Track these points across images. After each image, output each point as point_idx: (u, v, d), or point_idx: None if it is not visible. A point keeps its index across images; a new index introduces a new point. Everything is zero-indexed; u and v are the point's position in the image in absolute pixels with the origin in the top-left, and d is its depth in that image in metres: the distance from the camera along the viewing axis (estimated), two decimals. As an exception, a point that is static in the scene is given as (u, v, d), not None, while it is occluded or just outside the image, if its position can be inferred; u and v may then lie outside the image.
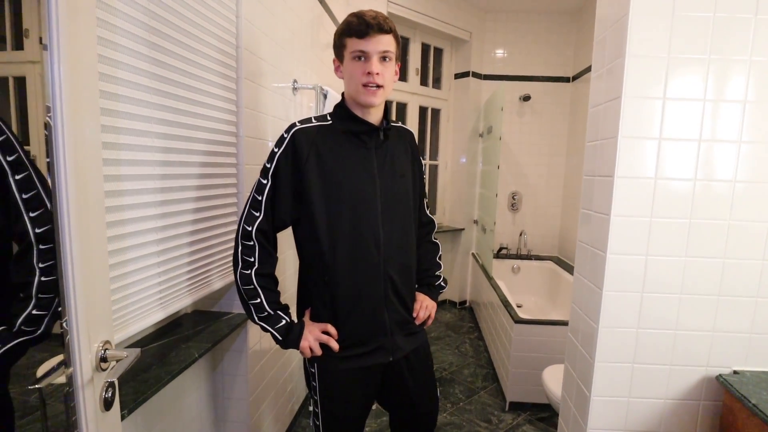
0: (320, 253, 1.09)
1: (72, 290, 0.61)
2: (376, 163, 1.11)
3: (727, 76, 1.06)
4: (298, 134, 1.07)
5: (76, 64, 0.63)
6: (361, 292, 1.11)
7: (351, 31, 1.02)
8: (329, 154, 1.07)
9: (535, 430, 2.21)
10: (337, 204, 1.07)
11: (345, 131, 1.10)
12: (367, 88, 1.04)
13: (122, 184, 0.92)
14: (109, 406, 0.70)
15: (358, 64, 1.04)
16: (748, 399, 1.00)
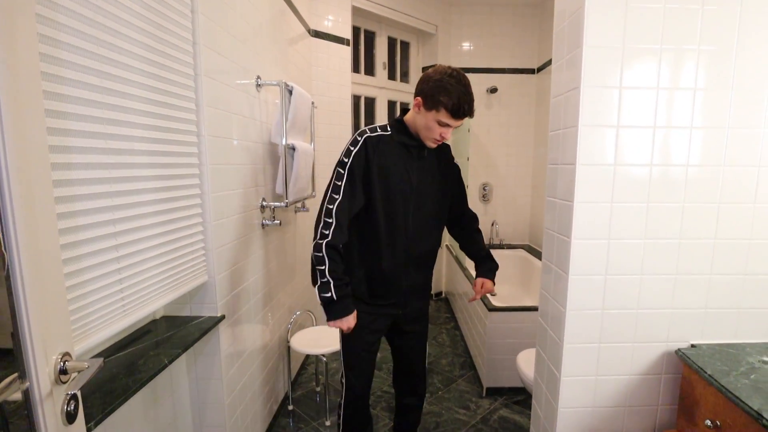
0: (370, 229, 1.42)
1: (23, 302, 0.58)
2: (416, 168, 1.43)
3: (678, 65, 1.10)
4: (367, 139, 1.38)
5: (16, 64, 0.60)
6: (391, 261, 1.44)
7: (452, 108, 1.27)
8: (387, 157, 1.39)
9: (512, 413, 2.27)
10: (385, 193, 1.39)
11: (399, 142, 1.41)
12: (433, 141, 1.38)
13: (73, 189, 0.87)
14: (72, 419, 0.67)
15: (439, 128, 1.33)
16: (704, 370, 1.06)
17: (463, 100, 1.26)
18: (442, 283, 4.22)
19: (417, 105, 1.35)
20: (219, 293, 1.50)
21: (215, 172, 1.46)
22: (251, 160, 1.81)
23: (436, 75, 1.29)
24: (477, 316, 2.65)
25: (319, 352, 2.12)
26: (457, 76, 1.27)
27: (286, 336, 2.34)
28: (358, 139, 1.39)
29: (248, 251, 1.79)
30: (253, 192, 1.83)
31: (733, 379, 1.02)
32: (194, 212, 1.37)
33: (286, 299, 2.41)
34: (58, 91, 0.82)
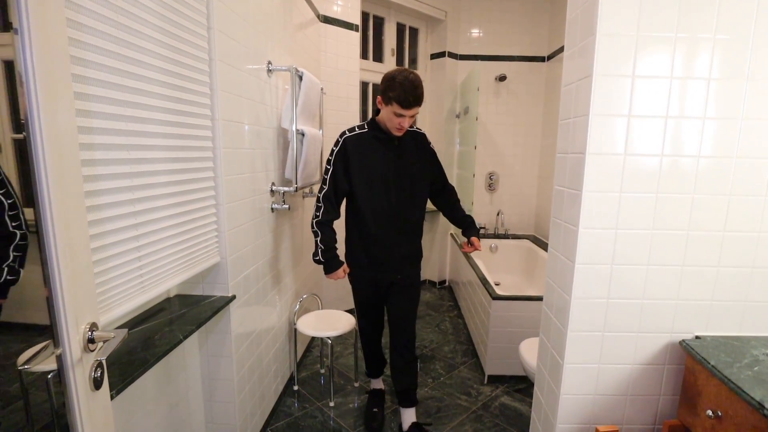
0: (358, 206, 1.77)
1: (57, 273, 0.61)
2: (391, 154, 1.76)
3: (693, 54, 1.10)
4: (346, 139, 1.74)
5: (47, 47, 0.62)
6: (379, 234, 1.78)
7: (399, 100, 1.57)
8: (364, 150, 1.73)
9: (512, 400, 2.31)
10: (364, 178, 1.73)
11: (374, 137, 1.75)
12: (397, 130, 1.68)
13: (96, 169, 0.90)
14: (99, 385, 0.71)
15: (396, 119, 1.63)
16: (707, 361, 1.08)
17: (408, 93, 1.56)
18: (446, 272, 4.25)
19: (378, 103, 1.69)
20: (230, 274, 1.53)
21: (228, 156, 1.48)
22: (261, 145, 1.83)
23: (388, 76, 1.61)
24: (480, 305, 2.68)
25: (325, 335, 2.16)
26: (403, 74, 1.57)
27: (292, 318, 2.38)
28: (339, 140, 1.75)
29: (258, 234, 1.82)
30: (263, 176, 1.85)
31: (736, 370, 1.04)
32: (208, 194, 1.39)
33: (293, 283, 2.44)
34: (81, 74, 0.84)
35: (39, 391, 1.37)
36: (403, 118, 1.62)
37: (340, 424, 2.08)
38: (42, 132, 0.61)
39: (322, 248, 1.75)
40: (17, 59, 0.59)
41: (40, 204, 0.59)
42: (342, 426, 2.06)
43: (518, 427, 2.07)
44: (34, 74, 0.60)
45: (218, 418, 1.64)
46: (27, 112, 0.60)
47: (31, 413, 1.36)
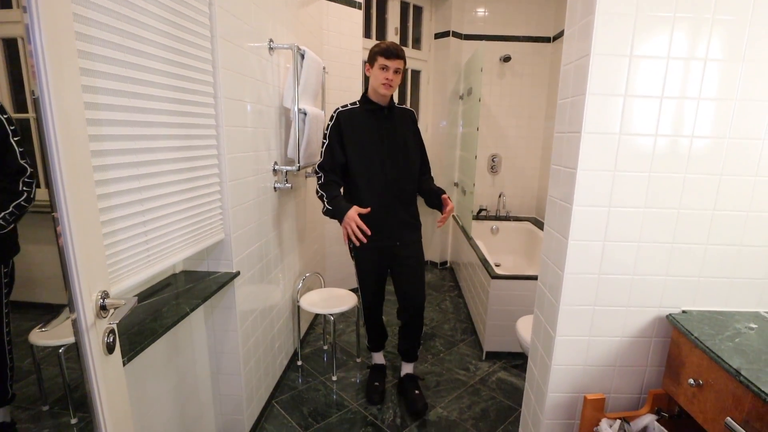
0: (352, 177, 1.91)
1: (70, 244, 0.65)
2: (383, 126, 1.91)
3: (691, 34, 1.11)
4: (339, 114, 1.90)
5: (54, 24, 0.64)
6: (376, 203, 1.88)
7: (382, 53, 1.79)
8: (356, 122, 1.89)
9: (509, 375, 2.38)
10: (358, 149, 1.88)
11: (365, 109, 1.91)
12: (384, 86, 1.82)
13: (102, 144, 0.93)
14: (112, 350, 0.76)
15: (382, 73, 1.81)
16: (691, 333, 1.12)
17: (388, 44, 1.80)
18: (447, 253, 4.29)
19: (367, 70, 1.89)
20: (234, 251, 1.58)
21: (230, 134, 1.51)
22: (263, 124, 1.85)
23: (373, 46, 1.84)
24: (480, 284, 2.74)
25: (328, 312, 2.23)
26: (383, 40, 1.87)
27: (296, 296, 2.44)
28: (333, 115, 1.91)
29: (261, 212, 1.86)
30: (265, 155, 1.88)
31: (717, 341, 1.08)
32: (212, 172, 1.43)
33: (297, 261, 2.50)
34: (87, 50, 0.87)
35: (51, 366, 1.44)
36: (388, 71, 1.79)
37: (342, 396, 2.16)
38: (52, 108, 0.64)
39: (327, 197, 1.84)
40: (28, 36, 0.61)
41: (52, 177, 0.63)
42: (344, 398, 2.14)
43: (514, 400, 2.14)
44: (43, 52, 0.63)
45: (225, 389, 1.71)
46: (38, 90, 0.63)
47: (44, 387, 1.44)
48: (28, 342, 1.29)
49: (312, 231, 2.85)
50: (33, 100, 0.64)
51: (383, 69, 1.79)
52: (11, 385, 1.30)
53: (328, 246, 3.33)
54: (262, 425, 1.93)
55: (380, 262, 2.01)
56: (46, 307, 1.43)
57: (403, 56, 1.81)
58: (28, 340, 1.28)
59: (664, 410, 1.26)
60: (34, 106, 0.64)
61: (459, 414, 2.04)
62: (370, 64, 1.85)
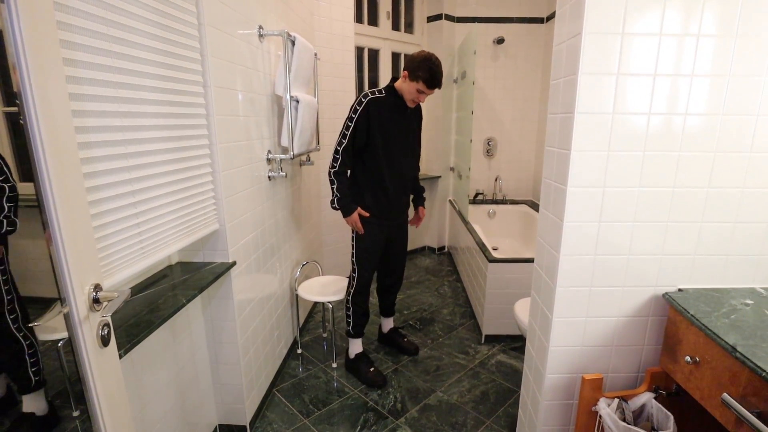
0: (376, 164, 2.04)
1: (59, 236, 0.64)
2: (402, 120, 2.06)
3: (683, 10, 1.09)
4: (370, 101, 1.96)
5: (34, 14, 0.62)
6: (393, 186, 2.10)
7: (428, 82, 1.88)
8: (384, 113, 1.99)
9: (508, 358, 2.40)
10: (383, 138, 2.00)
11: (392, 102, 2.01)
12: (412, 102, 2.00)
13: (89, 137, 0.92)
14: (107, 342, 0.75)
15: (417, 94, 1.95)
16: (687, 311, 1.13)
17: (436, 77, 1.88)
18: (445, 238, 4.30)
19: (404, 76, 1.96)
20: (230, 241, 1.57)
21: (222, 123, 1.49)
22: (255, 112, 1.83)
23: (419, 57, 1.89)
24: (478, 268, 2.74)
25: (326, 299, 2.23)
26: (433, 60, 1.87)
27: (294, 285, 2.44)
28: (362, 100, 1.97)
29: (256, 202, 1.85)
30: (258, 144, 1.86)
31: (713, 318, 1.08)
32: (204, 162, 1.41)
33: (294, 250, 2.49)
34: (68, 39, 0.85)
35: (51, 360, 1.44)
36: (423, 95, 1.95)
37: (342, 383, 2.18)
38: (35, 100, 0.62)
39: (339, 196, 2.01)
40: (6, 28, 0.60)
41: (38, 171, 0.62)
42: (344, 385, 2.16)
43: (513, 382, 2.16)
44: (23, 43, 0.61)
45: (225, 378, 1.72)
46: (19, 83, 0.62)
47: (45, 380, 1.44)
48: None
49: (308, 219, 2.84)
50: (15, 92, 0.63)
51: (419, 93, 1.93)
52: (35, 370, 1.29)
53: (325, 234, 3.33)
54: (264, 413, 1.95)
55: (381, 239, 2.18)
56: (44, 301, 1.43)
57: (441, 86, 1.99)
58: (28, 335, 1.28)
59: (662, 388, 1.27)
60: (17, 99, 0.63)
61: (459, 397, 2.06)
62: (410, 76, 1.92)
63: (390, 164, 2.05)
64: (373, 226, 2.12)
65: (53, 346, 1.40)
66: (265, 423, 1.89)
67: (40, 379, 1.27)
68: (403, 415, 1.94)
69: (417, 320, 2.86)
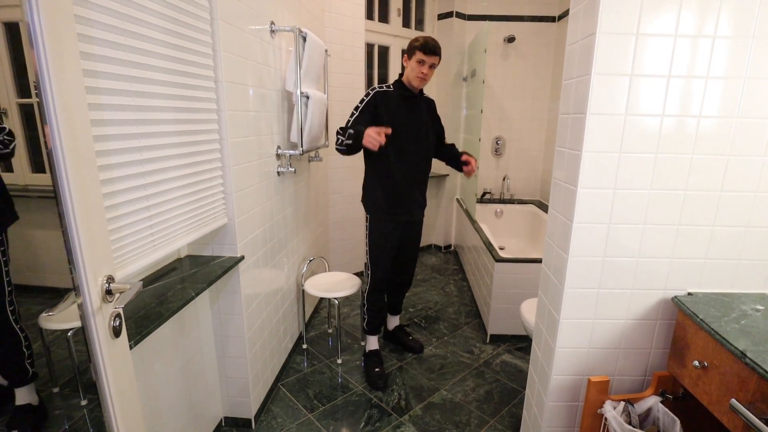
0: (386, 156, 2.01)
1: (74, 228, 0.65)
2: (413, 113, 2.06)
3: (699, 11, 1.08)
4: (377, 93, 2.02)
5: (54, 8, 0.63)
6: (403, 179, 2.06)
7: (421, 47, 1.92)
8: (391, 105, 2.01)
9: (513, 358, 2.40)
10: (394, 130, 1.91)
11: (400, 94, 2.04)
12: (419, 79, 1.98)
13: (104, 129, 0.93)
14: (118, 333, 0.76)
15: (419, 67, 1.96)
16: (696, 315, 1.12)
17: (429, 41, 1.92)
18: (451, 237, 4.30)
19: (404, 61, 2.03)
20: (238, 235, 1.58)
21: (232, 119, 1.49)
22: (266, 108, 1.83)
23: (412, 39, 1.97)
24: (484, 267, 2.74)
25: (332, 295, 2.24)
26: (424, 35, 1.93)
27: (300, 280, 2.45)
28: (369, 92, 2.03)
29: (265, 197, 1.86)
30: (268, 139, 1.87)
31: (723, 323, 1.07)
32: (214, 156, 1.42)
33: (301, 246, 2.51)
34: (86, 33, 0.85)
35: (60, 349, 1.46)
36: (424, 65, 1.94)
37: (347, 379, 2.19)
38: (53, 94, 0.63)
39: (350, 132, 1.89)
40: (26, 19, 0.60)
41: (55, 162, 0.63)
42: (349, 381, 2.17)
43: (518, 383, 2.16)
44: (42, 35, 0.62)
45: (231, 372, 1.74)
46: (38, 75, 0.62)
47: (54, 369, 1.46)
48: (38, 326, 1.31)
49: (316, 215, 2.85)
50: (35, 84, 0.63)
51: (420, 63, 1.93)
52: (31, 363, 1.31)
53: (333, 230, 3.34)
54: (268, 407, 1.96)
55: (394, 236, 2.16)
56: (54, 291, 1.45)
57: (440, 53, 1.96)
58: (37, 324, 1.30)
59: (669, 392, 1.26)
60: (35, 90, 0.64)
61: (463, 396, 2.07)
62: (408, 56, 1.99)
63: (399, 152, 2.02)
64: (385, 222, 2.11)
65: (62, 336, 1.43)
66: (269, 417, 1.90)
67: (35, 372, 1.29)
68: (407, 413, 1.95)
69: (422, 318, 2.87)
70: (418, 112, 2.08)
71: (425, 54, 1.91)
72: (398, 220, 2.14)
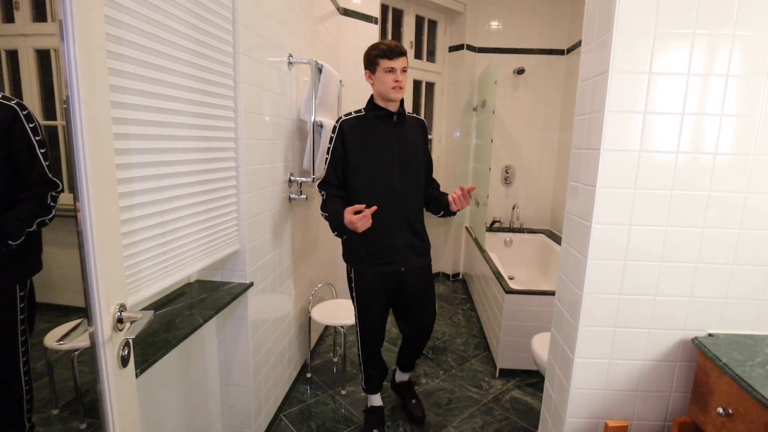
0: (356, 195, 1.68)
1: (92, 258, 0.65)
2: (394, 135, 1.70)
3: (712, 51, 1.09)
4: (343, 123, 1.71)
5: (88, 41, 0.65)
6: (383, 221, 1.66)
7: (383, 54, 1.61)
8: (363, 131, 1.69)
9: (524, 394, 2.32)
10: (364, 162, 1.67)
11: (372, 116, 1.71)
12: (394, 90, 1.64)
13: (129, 158, 0.94)
14: (126, 363, 0.75)
15: (389, 76, 1.62)
16: (719, 358, 1.08)
17: (388, 44, 1.62)
18: (459, 265, 4.25)
19: (368, 77, 1.70)
20: (249, 261, 1.58)
21: (249, 147, 1.52)
22: (281, 136, 1.86)
23: (367, 51, 1.69)
24: (494, 298, 2.69)
25: (338, 323, 2.21)
26: (376, 42, 1.65)
27: (307, 307, 2.43)
28: (335, 126, 1.72)
29: (276, 223, 1.86)
30: (281, 167, 1.89)
31: (747, 368, 1.03)
32: (229, 184, 1.44)
33: (309, 271, 2.49)
34: (117, 68, 0.88)
35: (63, 369, 1.44)
36: (395, 73, 1.61)
37: (351, 412, 2.13)
38: (82, 121, 0.64)
39: (330, 216, 1.65)
40: (61, 49, 0.62)
41: (78, 189, 0.64)
42: (353, 414, 2.11)
43: (529, 421, 2.08)
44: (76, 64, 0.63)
45: (234, 401, 1.70)
46: (69, 101, 0.64)
47: (56, 390, 1.44)
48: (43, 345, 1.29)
49: (325, 241, 2.85)
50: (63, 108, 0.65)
51: (389, 71, 1.61)
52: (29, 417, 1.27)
53: (340, 256, 3.32)
54: (272, 439, 1.91)
55: (384, 290, 1.78)
56: (64, 309, 1.44)
57: (405, 52, 1.64)
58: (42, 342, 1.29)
59: (689, 438, 1.21)
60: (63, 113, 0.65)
61: (472, 433, 2.00)
62: (371, 71, 1.67)
63: (377, 192, 1.66)
64: (365, 274, 1.75)
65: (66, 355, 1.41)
66: (272, 449, 1.85)
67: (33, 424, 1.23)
68: (413, 449, 1.88)
69: (429, 349, 2.81)
70: (400, 134, 1.71)
71: (391, 59, 1.60)
72: (387, 272, 1.74)
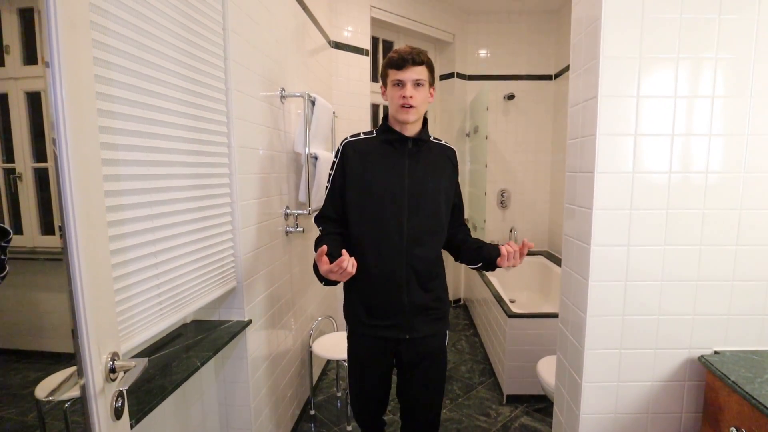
0: (354, 235, 1.35)
1: (82, 306, 0.64)
2: (408, 164, 1.33)
3: (696, 73, 1.12)
4: (347, 145, 1.37)
5: (76, 83, 0.66)
6: (384, 272, 1.32)
7: (391, 64, 1.29)
8: (368, 158, 1.34)
9: (533, 420, 2.26)
10: (365, 197, 1.32)
11: (383, 141, 1.35)
12: (403, 108, 1.28)
13: (120, 200, 0.94)
14: (120, 415, 0.73)
15: (397, 91, 1.28)
16: (728, 377, 1.06)
17: (401, 50, 1.28)
18: (460, 290, 4.22)
19: (383, 93, 1.38)
20: (246, 298, 1.56)
21: (244, 182, 1.52)
22: (275, 169, 1.87)
23: None
24: (496, 323, 2.66)
25: (341, 357, 2.16)
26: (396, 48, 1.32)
27: (308, 341, 2.38)
28: (338, 149, 1.39)
29: (273, 258, 1.85)
30: (277, 200, 1.89)
31: (757, 386, 1.01)
32: (225, 220, 1.43)
33: (308, 305, 2.46)
34: (107, 108, 0.89)
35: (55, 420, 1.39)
36: (404, 87, 1.27)
37: (356, 448, 2.06)
38: (70, 163, 0.64)
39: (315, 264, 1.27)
40: (49, 92, 0.63)
41: (66, 233, 0.63)
42: (359, 450, 2.04)
43: (539, 450, 2.02)
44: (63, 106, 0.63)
45: (235, 444, 1.64)
46: (56, 144, 0.63)
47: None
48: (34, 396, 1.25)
49: (323, 273, 2.82)
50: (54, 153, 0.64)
51: (397, 85, 1.28)
52: None
53: (340, 288, 3.28)
54: (275, 482, 1.84)
55: (383, 357, 1.40)
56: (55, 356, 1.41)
57: (424, 60, 1.29)
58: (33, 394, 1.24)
59: (705, 462, 1.17)
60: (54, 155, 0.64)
61: (482, 466, 1.93)
62: (384, 84, 1.36)
63: (380, 237, 1.31)
64: (360, 337, 1.40)
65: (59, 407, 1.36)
66: (275, 493, 1.77)
67: None
68: (422, 487, 1.81)
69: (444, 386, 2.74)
70: (416, 164, 1.33)
71: (399, 69, 1.26)
72: (385, 337, 1.36)
